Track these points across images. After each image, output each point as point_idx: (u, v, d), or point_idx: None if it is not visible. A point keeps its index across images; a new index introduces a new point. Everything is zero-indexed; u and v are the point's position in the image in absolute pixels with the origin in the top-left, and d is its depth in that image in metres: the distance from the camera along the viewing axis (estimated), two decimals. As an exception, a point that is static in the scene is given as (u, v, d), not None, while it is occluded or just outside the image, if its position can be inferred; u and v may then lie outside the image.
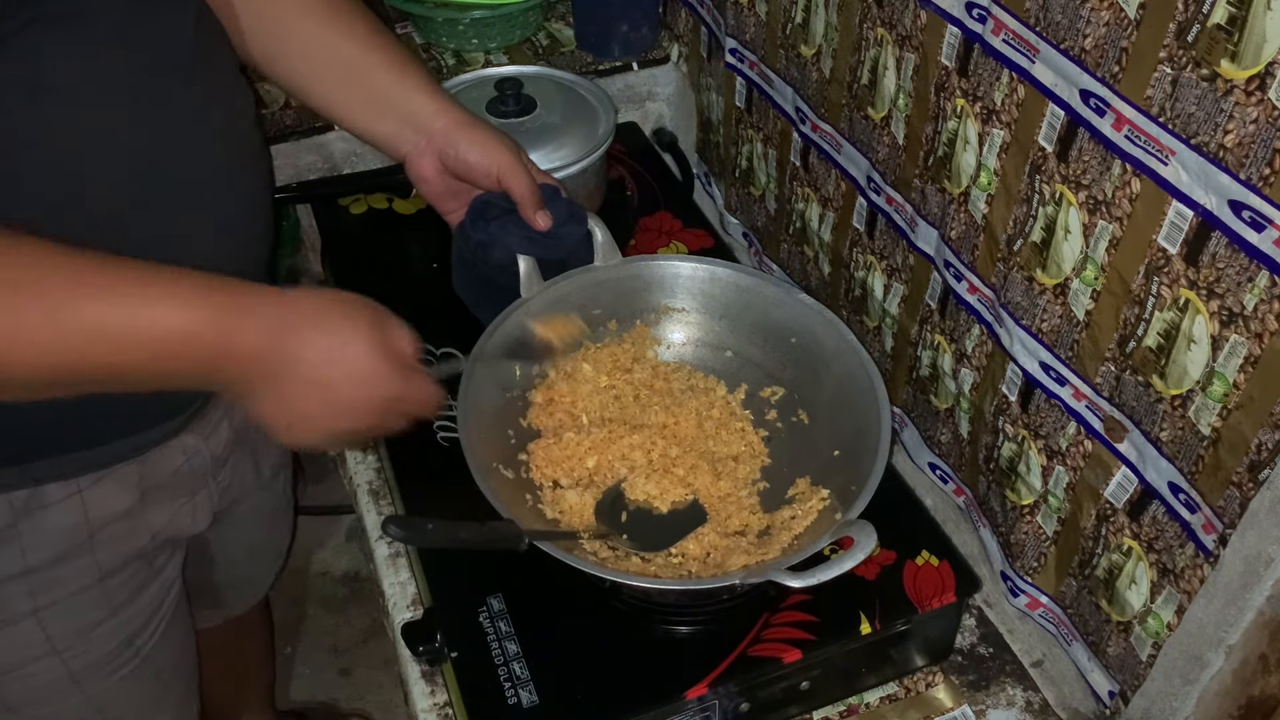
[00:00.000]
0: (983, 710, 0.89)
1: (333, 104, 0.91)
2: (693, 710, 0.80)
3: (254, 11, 0.86)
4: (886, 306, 1.02)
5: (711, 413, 0.94)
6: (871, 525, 0.75)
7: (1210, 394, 0.66)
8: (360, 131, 0.93)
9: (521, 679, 0.80)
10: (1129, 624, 0.80)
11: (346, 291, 0.73)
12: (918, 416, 1.03)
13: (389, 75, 0.90)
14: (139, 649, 0.92)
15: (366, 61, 0.89)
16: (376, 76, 0.90)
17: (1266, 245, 0.59)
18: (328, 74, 0.90)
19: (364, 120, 0.92)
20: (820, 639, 0.82)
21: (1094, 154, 0.70)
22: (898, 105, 0.90)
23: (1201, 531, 0.71)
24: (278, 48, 0.88)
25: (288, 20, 0.87)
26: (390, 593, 0.95)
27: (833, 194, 1.05)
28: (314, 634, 1.78)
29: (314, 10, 0.88)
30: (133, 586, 0.89)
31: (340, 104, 0.91)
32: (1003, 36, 0.74)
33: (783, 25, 1.04)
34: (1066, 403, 0.80)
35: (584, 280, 0.96)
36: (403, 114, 0.90)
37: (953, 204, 0.86)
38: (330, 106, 0.91)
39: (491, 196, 0.94)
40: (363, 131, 0.93)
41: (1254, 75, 0.57)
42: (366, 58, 0.89)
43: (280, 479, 1.14)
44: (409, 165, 0.93)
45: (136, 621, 0.91)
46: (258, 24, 0.87)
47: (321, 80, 0.90)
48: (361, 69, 0.89)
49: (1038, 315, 0.79)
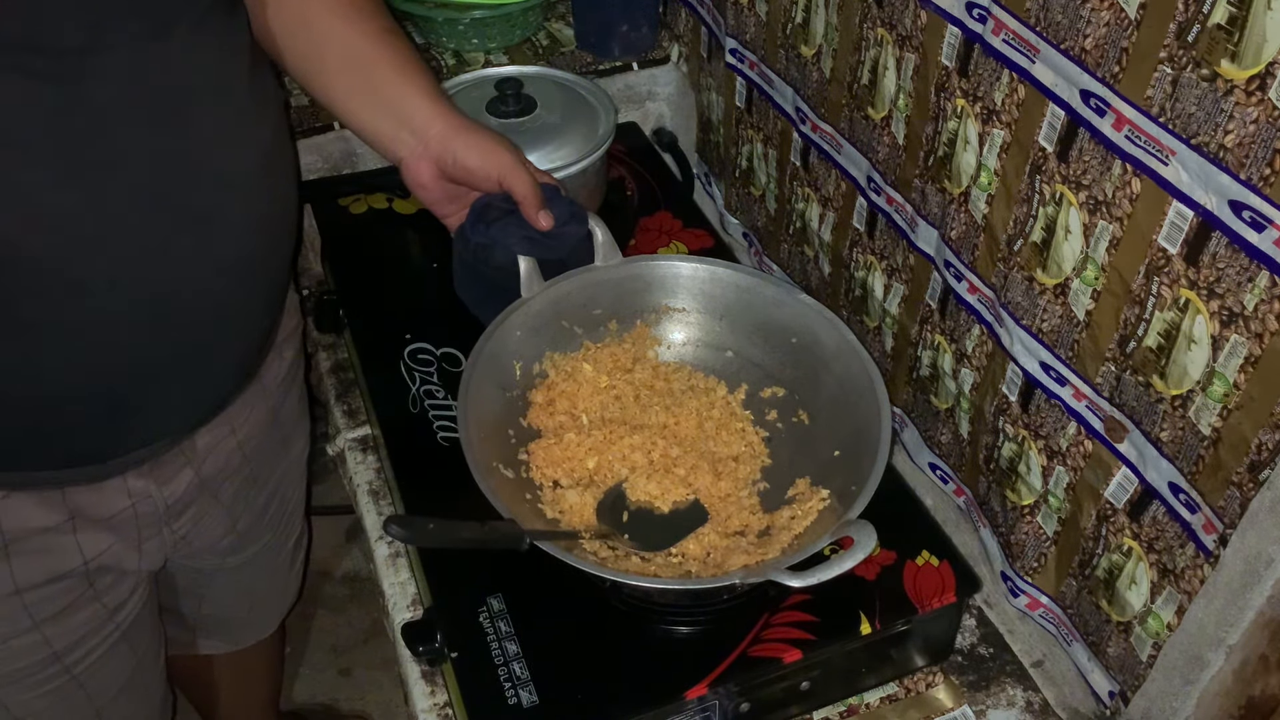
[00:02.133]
0: (983, 710, 0.89)
1: (334, 95, 0.91)
2: (693, 710, 0.80)
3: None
4: (886, 306, 1.02)
5: (712, 413, 0.94)
6: (871, 525, 0.75)
7: (1210, 394, 0.66)
8: (358, 127, 0.93)
9: (521, 679, 0.80)
10: (1129, 624, 0.80)
11: None
12: (918, 416, 1.03)
13: (391, 72, 0.90)
14: (68, 667, 0.89)
15: (372, 56, 0.90)
16: (379, 72, 0.90)
17: (1267, 245, 0.59)
18: (334, 63, 0.90)
19: (362, 115, 0.92)
20: (820, 639, 0.82)
21: (1094, 154, 0.70)
22: (898, 105, 0.90)
23: (1202, 531, 0.71)
24: (294, 33, 0.89)
25: (310, 11, 0.88)
26: (390, 593, 0.95)
27: (833, 194, 1.05)
28: (314, 634, 1.78)
29: (337, 4, 0.89)
30: (62, 603, 0.86)
31: (341, 95, 0.91)
32: (1003, 36, 0.74)
33: (783, 25, 1.04)
34: (1067, 403, 0.80)
35: (584, 280, 0.96)
36: (399, 114, 0.90)
37: (953, 204, 0.86)
38: (331, 97, 0.92)
39: (491, 198, 0.94)
40: (361, 127, 0.93)
41: (1254, 75, 0.57)
42: (373, 52, 0.90)
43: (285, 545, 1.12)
44: (405, 171, 0.92)
45: (65, 639, 0.88)
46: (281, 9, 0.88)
47: (326, 69, 0.90)
48: (366, 63, 0.90)
49: (1038, 315, 0.79)
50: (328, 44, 0.89)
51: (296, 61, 0.90)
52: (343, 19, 0.89)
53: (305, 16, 0.88)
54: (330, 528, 1.90)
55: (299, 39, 0.89)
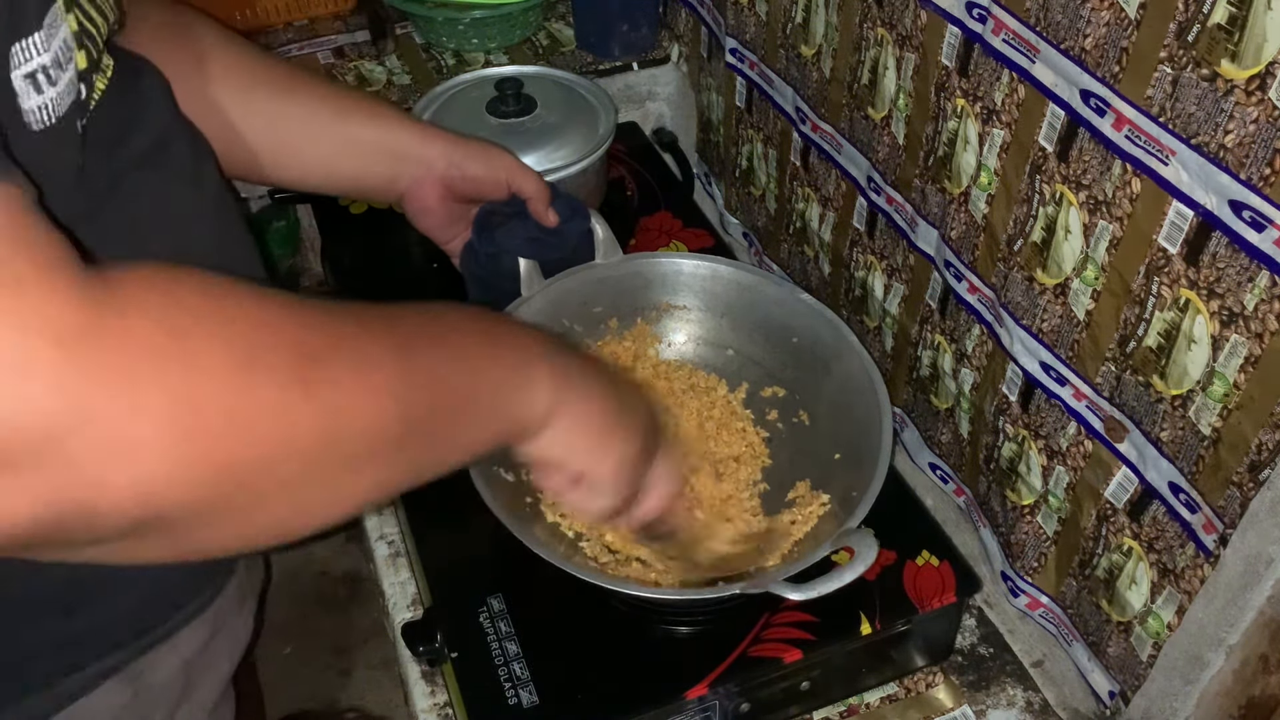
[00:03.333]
0: (983, 710, 0.89)
1: (313, 166, 0.87)
2: (693, 710, 0.80)
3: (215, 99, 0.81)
4: (887, 306, 1.02)
5: (713, 413, 0.94)
6: (873, 535, 0.75)
7: (1210, 394, 0.66)
8: (349, 184, 0.91)
9: (521, 679, 0.80)
10: (1129, 624, 0.80)
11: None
12: (918, 416, 1.03)
13: (364, 118, 0.88)
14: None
15: (333, 110, 0.87)
16: (351, 123, 0.87)
17: (1267, 245, 0.59)
18: (300, 137, 0.86)
19: (350, 170, 0.89)
20: (820, 639, 0.82)
21: (1094, 154, 0.70)
22: (898, 105, 0.90)
23: (1202, 531, 0.71)
24: (243, 131, 0.83)
25: (241, 100, 0.82)
26: (390, 593, 0.95)
27: (833, 194, 1.05)
28: (314, 634, 1.78)
29: (263, 82, 0.84)
30: (223, 714, 0.79)
31: (320, 162, 0.88)
32: (1003, 36, 0.74)
33: (783, 25, 1.04)
34: (1067, 403, 0.80)
35: (585, 278, 0.96)
36: (391, 152, 0.89)
37: (953, 204, 0.86)
38: (311, 170, 0.88)
39: (492, 206, 0.94)
40: (352, 182, 0.90)
41: (1254, 75, 0.57)
42: (332, 107, 0.87)
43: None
44: (408, 199, 0.92)
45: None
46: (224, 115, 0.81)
47: (295, 146, 0.86)
48: (332, 120, 0.87)
49: (1038, 315, 0.79)
50: (284, 123, 0.85)
51: (251, 156, 0.84)
52: (282, 93, 0.84)
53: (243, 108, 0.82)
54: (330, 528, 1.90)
55: (270, 137, 0.84)
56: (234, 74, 0.81)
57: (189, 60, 0.77)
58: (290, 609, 1.79)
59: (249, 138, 0.83)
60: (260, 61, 0.84)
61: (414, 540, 0.92)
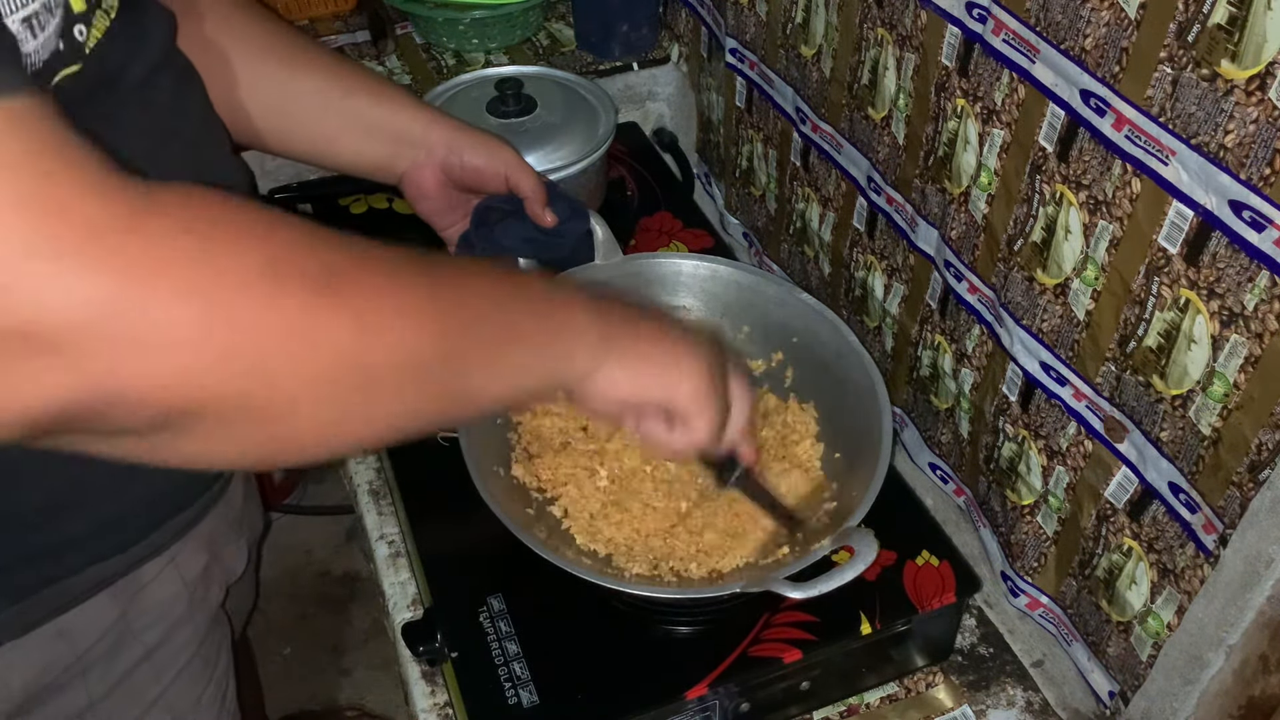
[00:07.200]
0: (983, 710, 0.89)
1: (315, 139, 0.88)
2: (693, 710, 0.80)
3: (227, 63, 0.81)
4: (887, 306, 1.02)
5: (712, 413, 0.94)
6: (873, 534, 0.75)
7: (1210, 394, 0.66)
8: (349, 161, 0.90)
9: (521, 679, 0.80)
10: (1129, 624, 0.80)
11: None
12: (918, 416, 1.03)
13: (369, 98, 0.88)
14: (228, 705, 0.87)
15: (342, 88, 0.87)
16: (357, 101, 0.87)
17: (1267, 245, 0.59)
18: (305, 110, 0.86)
19: (352, 147, 0.89)
20: (820, 639, 0.82)
21: (1094, 154, 0.70)
22: (898, 105, 0.90)
23: (1202, 531, 0.71)
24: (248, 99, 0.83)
25: (250, 67, 0.83)
26: (390, 593, 0.95)
27: (833, 194, 1.05)
28: (314, 634, 1.78)
29: (273, 51, 0.84)
30: (216, 640, 0.84)
31: (323, 137, 0.88)
32: (1003, 36, 0.74)
33: (783, 25, 1.04)
34: (1067, 403, 0.80)
35: (584, 278, 0.96)
36: (393, 133, 0.89)
37: (953, 204, 0.86)
38: (313, 143, 0.88)
39: (491, 201, 0.94)
40: (352, 160, 0.90)
41: (1254, 75, 0.57)
42: (341, 84, 0.87)
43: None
44: (407, 183, 0.91)
45: (227, 679, 0.86)
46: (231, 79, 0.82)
47: (299, 118, 0.86)
48: (339, 96, 0.87)
49: (1038, 315, 0.79)
50: (289, 94, 0.85)
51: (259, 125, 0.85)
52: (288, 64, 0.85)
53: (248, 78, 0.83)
54: (330, 528, 1.90)
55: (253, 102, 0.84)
56: (248, 41, 0.82)
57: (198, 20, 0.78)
58: (290, 609, 1.80)
59: (255, 105, 0.84)
60: (274, 30, 0.85)
61: (414, 540, 0.92)
